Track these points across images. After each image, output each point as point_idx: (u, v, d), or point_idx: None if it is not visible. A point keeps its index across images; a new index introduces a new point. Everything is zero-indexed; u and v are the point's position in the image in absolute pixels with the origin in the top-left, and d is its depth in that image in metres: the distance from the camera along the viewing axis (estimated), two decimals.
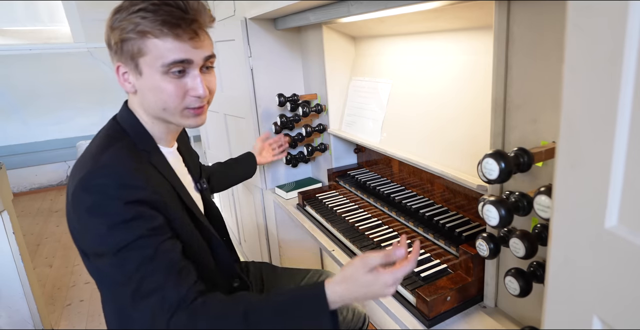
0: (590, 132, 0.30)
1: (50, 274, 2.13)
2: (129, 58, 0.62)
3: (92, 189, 0.57)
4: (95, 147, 0.64)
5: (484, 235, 0.66)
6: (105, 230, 0.56)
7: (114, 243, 0.56)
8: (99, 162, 0.59)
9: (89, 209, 0.56)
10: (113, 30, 0.61)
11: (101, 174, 0.58)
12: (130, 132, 0.67)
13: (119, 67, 0.64)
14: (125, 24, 0.59)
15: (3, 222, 1.35)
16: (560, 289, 0.35)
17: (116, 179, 0.58)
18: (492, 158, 0.53)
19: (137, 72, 0.63)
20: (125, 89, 0.66)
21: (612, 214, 0.30)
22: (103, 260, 0.57)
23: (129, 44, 0.60)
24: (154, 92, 0.63)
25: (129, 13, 0.59)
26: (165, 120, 0.68)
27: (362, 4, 0.84)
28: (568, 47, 0.31)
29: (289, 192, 1.39)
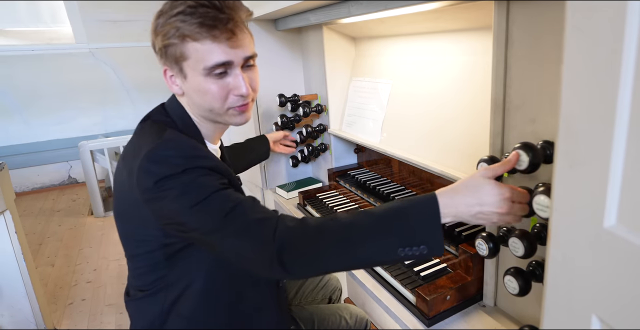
0: (589, 132, 0.30)
1: (52, 273, 2.14)
2: (174, 62, 0.63)
3: (160, 160, 0.57)
4: (149, 130, 0.66)
5: (484, 235, 0.66)
6: (179, 194, 0.55)
7: (191, 202, 0.55)
8: (163, 138, 0.61)
9: (159, 179, 0.56)
10: (157, 36, 0.62)
11: (167, 146, 0.59)
12: (181, 125, 0.69)
13: (166, 70, 0.66)
14: (167, 29, 0.60)
15: (5, 222, 1.36)
16: (559, 288, 0.36)
17: (183, 150, 0.59)
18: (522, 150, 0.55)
19: (182, 76, 0.64)
20: (173, 91, 0.68)
21: (611, 213, 0.30)
22: (183, 221, 0.56)
23: (171, 49, 0.62)
24: (198, 94, 0.64)
25: (169, 17, 0.60)
26: (213, 120, 0.69)
27: (362, 4, 0.84)
28: (567, 47, 0.31)
29: (289, 191, 1.39)
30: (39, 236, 2.59)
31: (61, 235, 2.60)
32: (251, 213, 0.55)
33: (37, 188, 3.55)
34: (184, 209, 0.56)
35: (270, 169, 1.47)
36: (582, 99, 0.30)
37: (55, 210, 3.07)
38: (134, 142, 0.67)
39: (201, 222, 0.55)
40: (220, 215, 0.55)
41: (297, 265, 0.53)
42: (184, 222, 0.57)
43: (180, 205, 0.56)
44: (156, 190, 0.57)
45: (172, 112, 0.70)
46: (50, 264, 2.23)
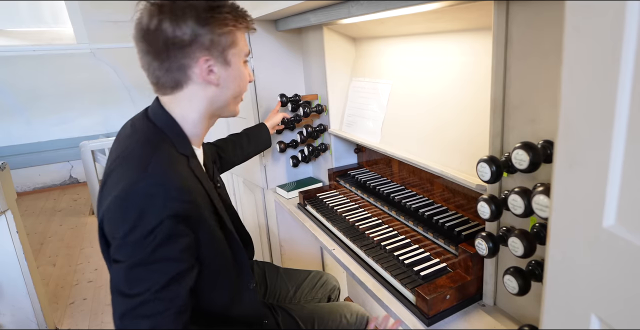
0: (588, 132, 0.30)
1: (54, 272, 2.14)
2: (221, 50, 0.67)
3: (139, 196, 0.57)
4: (137, 150, 0.64)
5: (483, 235, 0.67)
6: (139, 240, 0.56)
7: (140, 255, 0.56)
8: (148, 170, 0.59)
9: (135, 216, 0.56)
10: (204, 26, 0.64)
11: (150, 183, 0.58)
12: (170, 134, 0.68)
13: (206, 60, 0.66)
14: (216, 20, 0.65)
15: (7, 222, 1.37)
16: (559, 287, 0.36)
17: (165, 190, 0.58)
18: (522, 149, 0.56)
19: (226, 63, 0.69)
20: (208, 81, 0.68)
21: (609, 213, 0.30)
22: (119, 266, 0.57)
23: (224, 38, 0.66)
24: (237, 79, 0.71)
25: (209, 9, 0.64)
26: (218, 114, 0.74)
27: (363, 5, 0.85)
28: (566, 47, 0.31)
29: (290, 191, 1.40)
30: (40, 236, 2.60)
31: (62, 234, 2.61)
32: (160, 306, 0.57)
33: (39, 188, 3.56)
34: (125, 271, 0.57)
35: (270, 169, 1.47)
36: (582, 99, 0.31)
37: (56, 210, 3.08)
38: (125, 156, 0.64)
39: (127, 281, 0.57)
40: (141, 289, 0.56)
41: None
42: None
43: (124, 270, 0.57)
44: (127, 223, 0.57)
45: (160, 123, 0.69)
46: (52, 264, 2.24)
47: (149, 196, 0.57)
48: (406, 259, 0.89)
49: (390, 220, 1.06)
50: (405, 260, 0.88)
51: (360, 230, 1.05)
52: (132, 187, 0.58)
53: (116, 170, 0.63)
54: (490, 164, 0.61)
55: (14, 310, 1.46)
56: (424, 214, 0.99)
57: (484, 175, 0.62)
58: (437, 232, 0.92)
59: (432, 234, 0.92)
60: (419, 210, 1.01)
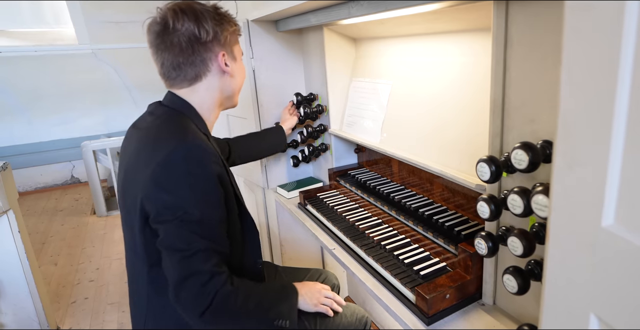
0: (587, 132, 0.31)
1: (55, 272, 2.15)
2: (230, 47, 0.80)
3: (186, 160, 0.66)
4: (168, 127, 0.73)
5: (483, 234, 0.67)
6: (188, 200, 0.65)
7: (191, 210, 0.65)
8: (187, 138, 0.69)
9: (183, 178, 0.65)
10: (220, 25, 0.77)
11: (192, 147, 0.67)
12: (191, 117, 0.78)
13: (224, 54, 0.79)
14: (225, 21, 0.78)
15: (9, 221, 1.37)
16: (558, 287, 0.36)
17: (205, 153, 0.68)
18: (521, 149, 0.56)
19: (234, 58, 0.82)
20: (226, 71, 0.81)
21: (608, 213, 0.30)
22: (170, 225, 0.65)
23: (232, 36, 0.81)
24: (241, 72, 0.86)
25: (219, 13, 0.78)
26: (225, 105, 0.87)
27: (363, 6, 0.85)
28: (565, 48, 0.31)
29: (290, 191, 1.40)
30: (42, 235, 2.61)
31: (64, 234, 2.62)
32: (207, 265, 0.67)
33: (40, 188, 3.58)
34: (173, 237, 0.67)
35: (271, 169, 1.47)
36: (581, 99, 0.31)
37: (58, 209, 3.09)
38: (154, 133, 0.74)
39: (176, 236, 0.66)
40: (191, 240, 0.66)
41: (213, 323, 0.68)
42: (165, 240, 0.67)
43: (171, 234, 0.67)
44: (172, 186, 0.66)
45: (178, 106, 0.79)
46: (53, 263, 2.24)
47: (192, 159, 0.66)
48: (406, 258, 0.89)
49: (390, 220, 1.06)
50: (405, 260, 0.88)
51: (360, 230, 1.05)
52: (174, 152, 0.66)
53: (146, 148, 0.71)
54: (489, 164, 0.61)
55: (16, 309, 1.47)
56: (424, 213, 0.99)
57: (484, 175, 0.62)
58: (436, 231, 0.92)
59: (431, 233, 0.93)
60: (419, 210, 1.01)
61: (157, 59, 0.77)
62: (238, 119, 1.54)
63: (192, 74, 0.77)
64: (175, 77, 0.77)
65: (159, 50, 0.75)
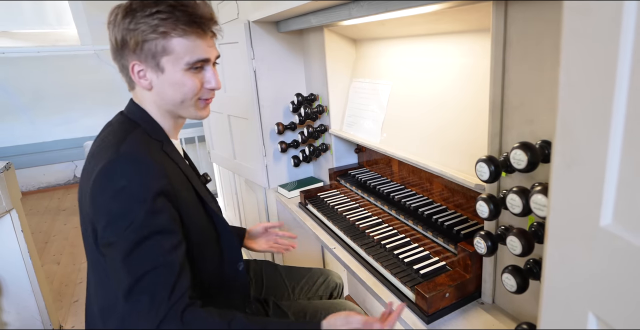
0: (585, 132, 0.31)
1: (58, 271, 2.17)
2: (150, 57, 0.65)
3: (117, 175, 0.58)
4: (111, 138, 0.66)
5: (482, 233, 0.67)
6: (125, 221, 0.57)
7: (130, 235, 0.57)
8: (121, 150, 0.61)
9: (114, 195, 0.57)
10: (130, 32, 0.63)
11: (126, 160, 0.60)
12: (142, 123, 0.70)
13: (134, 65, 0.66)
14: (143, 26, 0.63)
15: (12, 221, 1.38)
16: (556, 285, 0.36)
17: (140, 166, 0.60)
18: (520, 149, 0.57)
19: (158, 70, 0.67)
20: (140, 86, 0.69)
21: (607, 212, 0.30)
22: (112, 249, 0.58)
23: (151, 44, 0.64)
24: (175, 87, 0.68)
25: (144, 15, 0.63)
26: (176, 114, 0.73)
27: (363, 7, 0.86)
28: (564, 48, 0.31)
29: (291, 191, 1.41)
30: (44, 235, 2.62)
31: (67, 233, 2.64)
32: (158, 277, 0.57)
33: (43, 187, 3.60)
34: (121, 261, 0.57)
35: (272, 169, 1.48)
36: (579, 100, 0.31)
37: (60, 209, 3.11)
38: (99, 145, 0.67)
39: (121, 261, 0.57)
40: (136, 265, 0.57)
41: None
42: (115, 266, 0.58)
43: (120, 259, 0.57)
44: (108, 204, 0.58)
45: (132, 115, 0.71)
46: (56, 262, 2.26)
47: (125, 173, 0.58)
48: (406, 257, 0.89)
49: (390, 219, 1.07)
50: (405, 259, 0.89)
51: (360, 229, 1.06)
52: (107, 165, 0.59)
53: (90, 162, 0.65)
54: (488, 164, 0.62)
55: (19, 308, 1.48)
56: (424, 213, 1.00)
57: (483, 174, 0.63)
58: (436, 231, 0.92)
59: (431, 232, 0.93)
60: (419, 210, 1.02)
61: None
62: (239, 119, 1.55)
63: (126, 80, 0.71)
64: (123, 78, 0.71)
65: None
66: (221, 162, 1.84)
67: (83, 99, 3.52)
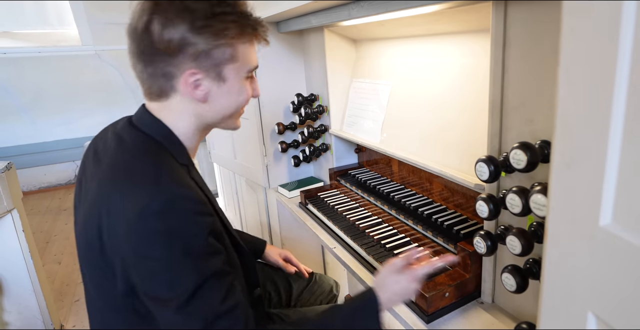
0: (585, 132, 0.31)
1: (59, 270, 2.17)
2: (213, 65, 0.57)
3: (162, 216, 0.49)
4: (137, 164, 0.56)
5: (482, 233, 0.67)
6: (178, 265, 0.50)
7: (187, 284, 0.50)
8: (161, 183, 0.53)
9: (161, 239, 0.49)
10: (194, 36, 0.54)
11: (169, 198, 0.51)
12: (165, 143, 0.61)
13: (191, 74, 0.57)
14: (211, 30, 0.54)
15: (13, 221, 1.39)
16: (556, 285, 0.36)
17: (189, 203, 0.52)
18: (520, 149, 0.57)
19: (220, 79, 0.59)
20: (192, 96, 0.59)
21: (606, 212, 0.30)
22: (162, 303, 0.51)
23: (219, 51, 0.56)
24: (232, 96, 0.61)
25: (208, 16, 0.54)
26: (213, 127, 0.66)
27: (363, 7, 0.86)
28: (563, 48, 0.31)
29: (291, 190, 1.41)
30: (45, 234, 2.63)
31: (68, 233, 2.64)
32: (230, 320, 0.53)
33: (44, 187, 3.60)
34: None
35: (272, 169, 1.48)
36: (578, 100, 0.31)
37: (61, 208, 3.11)
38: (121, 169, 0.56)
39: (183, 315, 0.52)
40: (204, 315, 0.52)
41: None
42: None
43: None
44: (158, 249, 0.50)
45: (154, 133, 0.61)
46: (57, 262, 2.26)
47: (172, 214, 0.50)
48: None
49: (390, 219, 1.07)
50: None
51: (360, 229, 1.06)
52: (148, 207, 0.50)
53: (114, 194, 0.54)
54: (488, 164, 0.62)
55: (20, 307, 1.48)
56: (424, 212, 1.00)
57: (483, 174, 0.63)
58: (436, 230, 0.92)
59: (431, 232, 0.93)
60: (419, 209, 1.02)
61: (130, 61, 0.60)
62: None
63: (157, 89, 0.59)
64: (141, 86, 0.61)
65: (128, 52, 0.59)
66: (221, 162, 1.84)
67: (84, 99, 3.53)
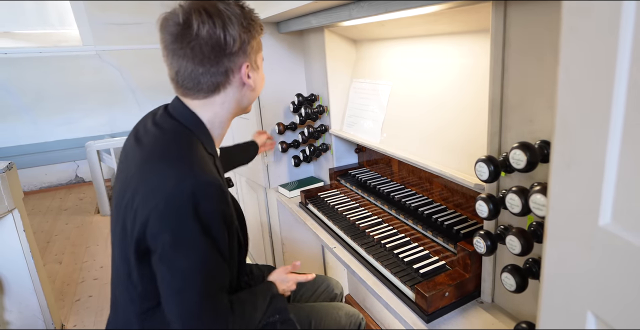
0: (584, 132, 0.31)
1: (60, 270, 2.18)
2: (254, 55, 0.70)
3: (192, 195, 0.59)
4: (175, 148, 0.66)
5: (481, 233, 0.68)
6: (197, 238, 0.60)
7: (199, 251, 0.60)
8: (195, 169, 0.62)
9: (186, 214, 0.59)
10: (247, 33, 0.66)
11: (199, 182, 0.60)
12: (199, 135, 0.70)
13: (246, 66, 0.69)
14: (253, 27, 0.67)
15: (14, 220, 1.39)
16: (556, 285, 0.36)
17: (214, 190, 0.61)
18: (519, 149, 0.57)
19: (256, 67, 0.72)
20: (245, 86, 0.71)
21: (605, 212, 0.30)
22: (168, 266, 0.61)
23: (256, 42, 0.70)
24: (261, 81, 0.75)
25: (245, 16, 0.66)
26: (243, 111, 0.78)
27: (363, 7, 0.86)
28: (563, 48, 0.31)
29: (291, 190, 1.41)
30: (46, 234, 2.64)
31: (68, 233, 2.65)
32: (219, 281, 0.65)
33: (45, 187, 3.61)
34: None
35: (272, 169, 1.49)
36: (578, 100, 0.31)
37: (62, 208, 3.12)
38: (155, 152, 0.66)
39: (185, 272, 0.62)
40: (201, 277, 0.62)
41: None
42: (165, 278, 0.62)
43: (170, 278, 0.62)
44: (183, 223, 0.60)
45: (187, 121, 0.70)
46: (58, 262, 2.27)
47: (200, 196, 0.59)
48: (406, 256, 0.90)
49: (390, 219, 1.07)
50: (405, 258, 0.89)
51: (360, 229, 1.06)
52: (181, 185, 0.60)
53: (151, 170, 0.63)
54: (488, 164, 0.62)
55: (21, 307, 1.49)
56: (423, 212, 1.00)
57: (482, 174, 0.63)
58: (436, 230, 0.93)
59: (431, 232, 0.93)
60: (419, 209, 1.02)
61: (171, 65, 0.67)
62: (240, 119, 1.56)
63: (211, 86, 0.68)
64: (191, 88, 0.68)
65: (176, 56, 0.65)
66: None
67: (85, 99, 3.54)
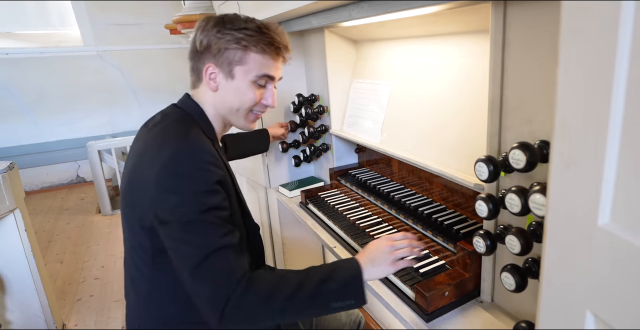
0: (583, 132, 0.31)
1: (61, 269, 2.18)
2: (226, 63, 0.75)
3: (185, 162, 0.64)
4: (173, 128, 0.73)
5: (481, 233, 0.68)
6: (192, 198, 0.63)
7: (196, 211, 0.63)
8: (189, 139, 0.69)
9: (183, 177, 0.63)
10: (216, 39, 0.73)
11: (193, 148, 0.67)
12: (198, 120, 0.78)
13: (209, 67, 0.75)
14: (229, 36, 0.73)
15: (15, 220, 1.40)
16: (555, 284, 0.36)
17: (205, 155, 0.67)
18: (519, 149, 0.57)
19: (229, 76, 0.76)
20: (207, 86, 0.77)
21: (605, 212, 0.31)
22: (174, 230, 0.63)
23: (231, 53, 0.74)
24: (237, 94, 0.77)
25: (233, 28, 0.73)
26: (227, 120, 0.81)
27: (363, 8, 0.86)
28: (562, 48, 0.31)
29: (292, 190, 1.42)
30: (48, 234, 2.65)
31: (69, 233, 2.66)
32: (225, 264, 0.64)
33: (46, 187, 3.62)
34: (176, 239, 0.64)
35: (273, 169, 1.49)
36: (577, 100, 0.31)
37: (63, 208, 3.13)
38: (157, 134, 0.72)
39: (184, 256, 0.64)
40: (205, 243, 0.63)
41: (234, 322, 0.62)
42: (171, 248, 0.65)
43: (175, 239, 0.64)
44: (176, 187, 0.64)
45: (189, 110, 0.78)
46: (59, 261, 2.28)
47: (194, 160, 0.65)
48: None
49: (390, 219, 1.07)
50: None
51: (360, 229, 1.07)
52: (176, 152, 0.66)
53: (153, 147, 0.70)
54: (487, 164, 0.62)
55: (22, 306, 1.49)
56: (423, 212, 1.00)
57: (482, 174, 0.63)
58: (435, 230, 0.93)
59: (430, 232, 0.94)
60: (418, 209, 1.02)
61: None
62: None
63: (194, 79, 0.80)
64: (191, 77, 0.81)
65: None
66: None
67: (86, 99, 3.55)
